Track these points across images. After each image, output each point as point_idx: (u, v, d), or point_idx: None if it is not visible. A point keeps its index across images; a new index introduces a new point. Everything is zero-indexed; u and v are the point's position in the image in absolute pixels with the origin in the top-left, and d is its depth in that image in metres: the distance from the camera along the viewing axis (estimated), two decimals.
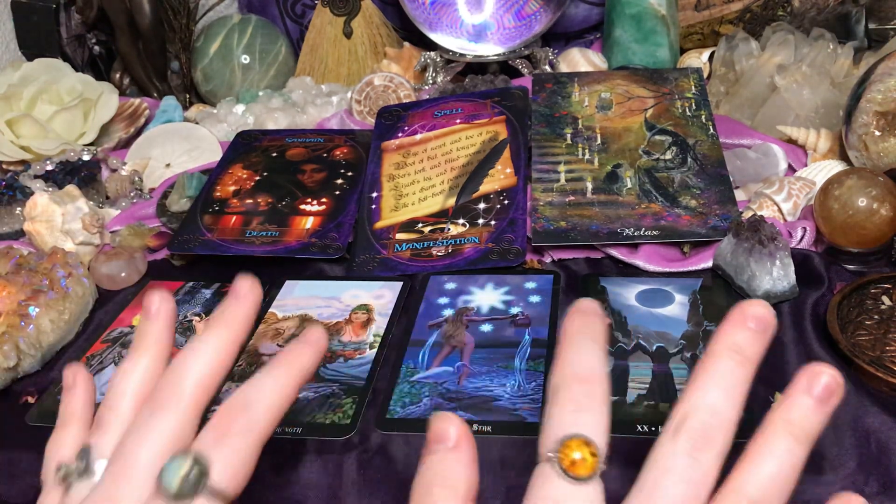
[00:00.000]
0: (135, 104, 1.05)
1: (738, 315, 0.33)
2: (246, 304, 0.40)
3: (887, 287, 0.62)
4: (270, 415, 0.35)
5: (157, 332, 0.40)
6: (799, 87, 0.84)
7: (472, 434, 0.33)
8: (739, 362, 0.33)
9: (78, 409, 0.41)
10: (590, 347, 0.35)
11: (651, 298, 0.65)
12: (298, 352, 0.37)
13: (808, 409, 0.32)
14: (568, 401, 0.33)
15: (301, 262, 0.74)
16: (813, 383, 0.32)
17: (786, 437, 0.32)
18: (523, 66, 1.04)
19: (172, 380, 0.36)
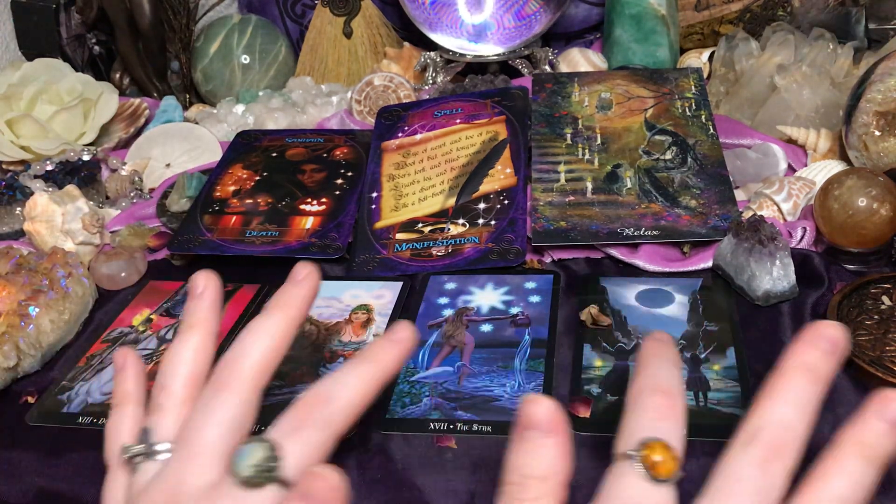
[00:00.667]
0: (135, 104, 1.05)
1: (812, 334, 0.34)
2: (304, 288, 0.40)
3: (887, 287, 0.62)
4: (349, 411, 0.35)
5: (204, 311, 0.40)
6: (799, 87, 0.84)
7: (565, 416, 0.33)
8: (811, 380, 0.33)
9: (131, 389, 0.42)
10: (668, 367, 0.36)
11: (651, 298, 0.65)
12: (385, 349, 0.37)
13: (881, 433, 0.32)
14: (649, 408, 0.34)
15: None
16: (886, 408, 0.32)
17: (857, 458, 0.32)
18: (523, 66, 1.04)
19: (234, 361, 0.36)
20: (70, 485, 0.55)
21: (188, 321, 0.40)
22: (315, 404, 0.35)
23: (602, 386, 0.57)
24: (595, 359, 0.59)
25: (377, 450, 0.54)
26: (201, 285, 0.41)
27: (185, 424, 0.36)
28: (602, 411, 0.54)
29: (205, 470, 0.33)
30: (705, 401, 0.54)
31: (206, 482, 0.33)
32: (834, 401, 0.53)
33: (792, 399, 0.33)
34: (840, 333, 0.34)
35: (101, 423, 0.58)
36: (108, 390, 0.61)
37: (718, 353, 0.58)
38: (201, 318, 0.40)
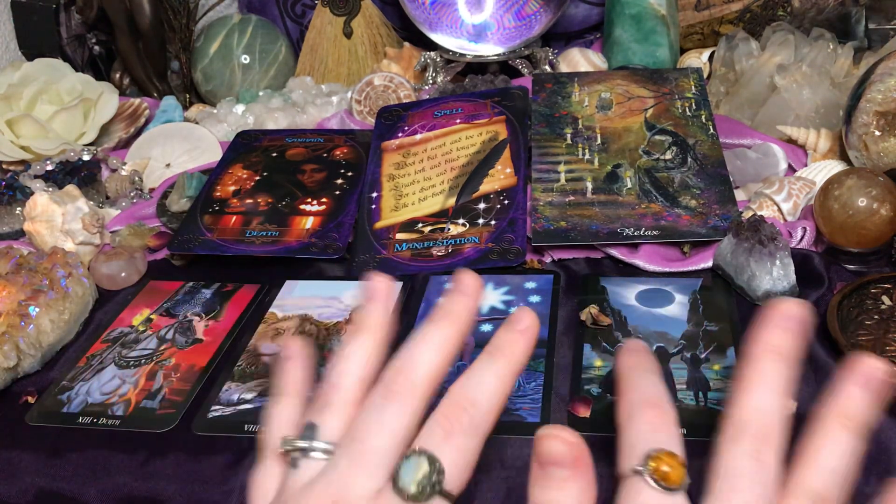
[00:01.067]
0: (135, 104, 1.05)
1: (772, 316, 0.35)
2: (471, 299, 0.40)
3: (887, 287, 0.62)
4: (494, 412, 0.36)
5: (380, 315, 0.40)
6: (799, 87, 0.84)
7: (586, 446, 0.33)
8: (781, 362, 0.35)
9: (298, 381, 0.42)
10: (649, 378, 0.37)
11: (651, 298, 0.65)
12: (514, 342, 0.37)
13: (860, 401, 0.34)
14: (643, 422, 0.35)
15: (301, 262, 0.74)
16: (860, 375, 0.34)
17: (842, 431, 0.34)
18: (523, 66, 1.04)
19: (406, 371, 0.36)
20: (70, 485, 0.55)
21: (364, 323, 0.40)
22: (460, 409, 0.35)
23: (602, 386, 0.57)
24: (595, 359, 0.59)
25: None
26: (380, 289, 0.40)
27: (353, 428, 0.36)
28: (602, 411, 0.54)
29: (371, 478, 0.34)
30: (706, 400, 0.54)
31: (370, 490, 0.33)
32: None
33: (767, 385, 0.34)
34: (799, 308, 0.35)
35: (101, 422, 0.58)
36: (108, 390, 0.61)
37: (718, 353, 0.58)
38: (376, 323, 0.40)
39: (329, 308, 0.68)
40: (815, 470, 0.33)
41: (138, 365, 0.64)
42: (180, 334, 0.67)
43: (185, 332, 0.67)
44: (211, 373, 0.62)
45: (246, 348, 0.64)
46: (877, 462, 0.49)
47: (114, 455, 0.56)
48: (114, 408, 0.59)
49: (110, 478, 0.55)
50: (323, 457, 0.35)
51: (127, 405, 0.60)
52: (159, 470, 0.55)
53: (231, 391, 0.60)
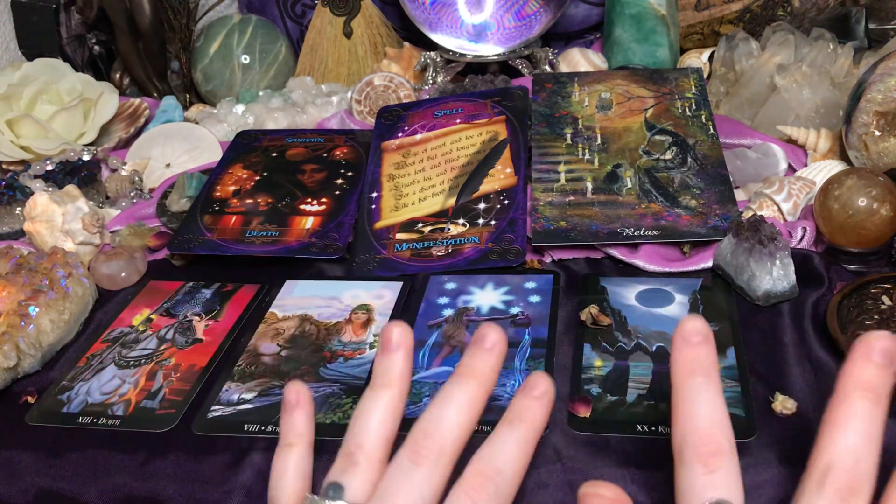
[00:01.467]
0: (135, 104, 1.05)
1: (864, 349, 0.33)
2: (495, 356, 0.39)
3: (887, 287, 0.62)
4: (517, 480, 0.36)
5: (399, 367, 0.39)
6: (799, 87, 0.84)
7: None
8: (873, 400, 0.32)
9: (305, 429, 0.42)
10: (705, 393, 0.35)
11: (651, 298, 0.65)
12: (532, 409, 0.37)
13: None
14: (696, 462, 0.33)
15: (301, 262, 0.74)
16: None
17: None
18: (523, 66, 1.04)
19: (433, 434, 0.36)
20: (70, 485, 0.55)
21: (383, 378, 0.39)
22: (487, 479, 0.35)
23: (602, 386, 0.57)
24: (595, 359, 0.59)
25: None
26: (396, 339, 0.39)
27: (382, 490, 0.36)
28: (602, 411, 0.54)
29: None
30: None
31: None
32: None
33: (856, 427, 0.32)
34: (892, 342, 0.32)
35: (101, 422, 0.58)
36: (108, 390, 0.61)
37: (719, 354, 0.58)
38: (396, 377, 0.39)
39: (329, 308, 0.68)
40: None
41: (138, 365, 0.64)
42: (180, 334, 0.67)
43: (185, 332, 0.67)
44: (211, 373, 0.62)
45: (246, 348, 0.64)
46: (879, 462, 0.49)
47: (114, 455, 0.56)
48: (114, 408, 0.59)
49: (110, 478, 0.55)
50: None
51: (127, 405, 0.60)
52: (159, 470, 0.55)
53: (231, 391, 0.60)
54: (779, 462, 0.49)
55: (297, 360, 0.62)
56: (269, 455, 0.54)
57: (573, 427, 0.54)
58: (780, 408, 0.53)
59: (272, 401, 0.58)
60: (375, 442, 0.38)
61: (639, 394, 0.55)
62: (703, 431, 0.34)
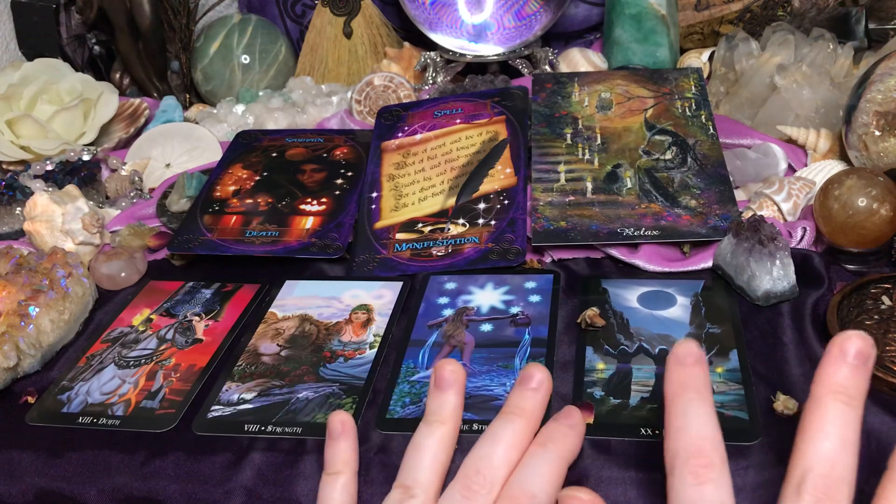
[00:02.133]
0: (135, 104, 1.05)
1: (837, 351, 0.33)
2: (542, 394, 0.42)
3: (887, 287, 0.62)
4: (551, 502, 0.37)
5: (452, 404, 0.42)
6: (799, 87, 0.84)
7: None
8: (847, 402, 0.32)
9: (350, 458, 0.45)
10: (696, 408, 0.35)
11: (653, 300, 0.65)
12: (566, 435, 0.40)
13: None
14: (688, 474, 0.34)
15: (301, 262, 0.74)
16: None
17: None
18: (523, 66, 1.04)
19: (484, 470, 0.39)
20: (70, 485, 0.55)
21: (437, 416, 0.42)
22: (521, 502, 0.37)
23: (605, 389, 0.56)
24: (597, 361, 0.59)
25: (377, 450, 0.54)
26: (449, 377, 0.43)
27: None
28: (605, 414, 0.54)
29: None
30: None
31: None
32: None
33: (831, 431, 0.32)
34: (865, 342, 0.32)
35: (101, 422, 0.58)
36: (108, 390, 0.61)
37: (721, 356, 0.58)
38: (449, 414, 0.42)
39: (329, 308, 0.68)
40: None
41: (138, 365, 0.64)
42: (180, 334, 0.67)
43: (185, 332, 0.67)
44: (211, 373, 0.62)
45: (246, 348, 0.64)
46: (877, 462, 0.49)
47: (114, 455, 0.56)
48: (114, 408, 0.59)
49: (110, 478, 0.55)
50: None
51: (127, 405, 0.60)
52: (159, 470, 0.55)
53: (231, 391, 0.60)
54: (780, 462, 0.49)
55: (297, 360, 0.62)
56: (269, 455, 0.54)
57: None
58: (781, 408, 0.53)
59: (272, 401, 0.58)
60: (430, 476, 0.40)
61: (642, 397, 0.55)
62: (694, 445, 0.34)
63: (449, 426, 0.41)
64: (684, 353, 0.37)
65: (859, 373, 0.33)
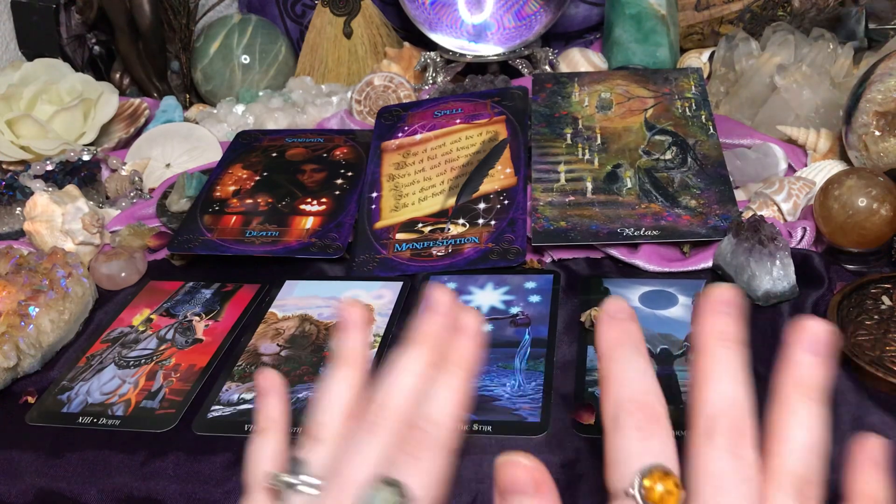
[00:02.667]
0: (135, 104, 1.05)
1: (709, 304, 0.35)
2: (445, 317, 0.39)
3: (887, 287, 0.62)
4: (452, 425, 0.35)
5: (358, 344, 0.40)
6: (799, 87, 0.84)
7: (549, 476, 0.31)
8: (731, 347, 0.34)
9: (277, 415, 0.42)
10: (636, 362, 0.35)
11: (654, 300, 0.65)
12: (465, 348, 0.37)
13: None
14: (632, 429, 0.32)
15: (301, 262, 0.74)
16: (808, 339, 0.34)
17: (803, 402, 0.33)
18: (523, 66, 1.04)
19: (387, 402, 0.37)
20: (70, 485, 0.55)
21: (344, 355, 0.40)
22: (421, 430, 0.35)
23: None
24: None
25: None
26: (356, 317, 0.41)
27: (336, 462, 0.36)
28: None
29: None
30: None
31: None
32: (835, 401, 0.53)
33: (724, 373, 0.33)
34: (731, 292, 0.34)
35: (101, 422, 0.58)
36: (108, 390, 0.61)
37: None
38: (356, 353, 0.40)
39: (329, 308, 0.68)
40: (789, 451, 0.32)
41: (138, 365, 0.64)
42: (180, 334, 0.67)
43: (185, 332, 0.67)
44: (211, 373, 0.62)
45: (246, 348, 0.64)
46: None
47: (114, 455, 0.56)
48: (114, 408, 0.59)
49: (110, 478, 0.55)
50: (310, 491, 0.36)
51: (127, 405, 0.60)
52: (159, 470, 0.54)
53: (231, 391, 0.60)
54: None
55: (296, 360, 0.62)
56: None
57: (577, 430, 0.54)
58: None
59: None
60: (335, 417, 0.38)
61: None
62: (639, 399, 0.34)
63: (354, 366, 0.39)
64: (616, 309, 0.37)
65: (734, 320, 0.35)
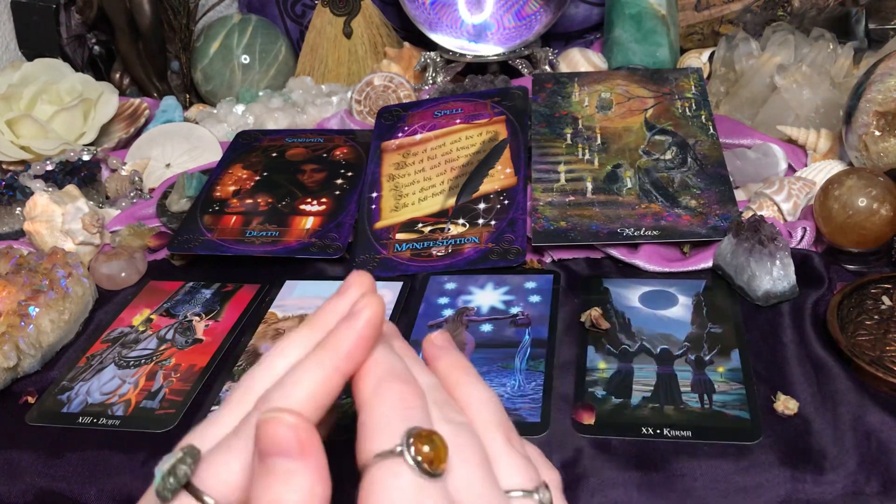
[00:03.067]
0: (135, 104, 1.05)
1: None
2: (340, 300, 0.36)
3: (887, 287, 0.62)
4: (317, 406, 0.31)
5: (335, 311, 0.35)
6: (799, 87, 0.84)
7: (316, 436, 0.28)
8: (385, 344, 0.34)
9: None
10: (394, 356, 0.33)
11: (654, 300, 0.65)
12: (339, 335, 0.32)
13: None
14: (395, 398, 0.30)
15: (301, 262, 0.74)
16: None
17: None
18: (523, 66, 1.04)
19: (247, 384, 0.33)
20: (70, 485, 0.55)
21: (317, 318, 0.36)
22: (250, 415, 0.31)
23: (606, 388, 0.56)
24: (599, 361, 0.59)
25: None
26: (358, 284, 0.35)
27: (192, 431, 0.34)
28: (607, 413, 0.54)
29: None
30: (710, 403, 0.54)
31: None
32: (835, 400, 0.53)
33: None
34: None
35: (101, 422, 0.58)
36: (108, 390, 0.61)
37: (723, 356, 0.58)
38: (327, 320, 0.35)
39: None
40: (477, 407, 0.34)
41: (138, 365, 0.64)
42: (180, 334, 0.67)
43: (185, 332, 0.67)
44: (211, 373, 0.62)
45: (246, 348, 0.64)
46: (877, 462, 0.49)
47: (114, 455, 0.56)
48: (114, 408, 0.59)
49: (110, 478, 0.55)
50: None
51: (127, 405, 0.60)
52: None
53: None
54: (780, 462, 0.49)
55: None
56: None
57: (577, 430, 0.54)
58: (781, 408, 0.53)
59: None
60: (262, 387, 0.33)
61: (643, 396, 0.55)
62: (401, 376, 0.32)
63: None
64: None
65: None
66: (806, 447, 0.50)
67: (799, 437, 0.51)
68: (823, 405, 0.53)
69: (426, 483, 0.27)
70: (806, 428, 0.52)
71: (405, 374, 0.32)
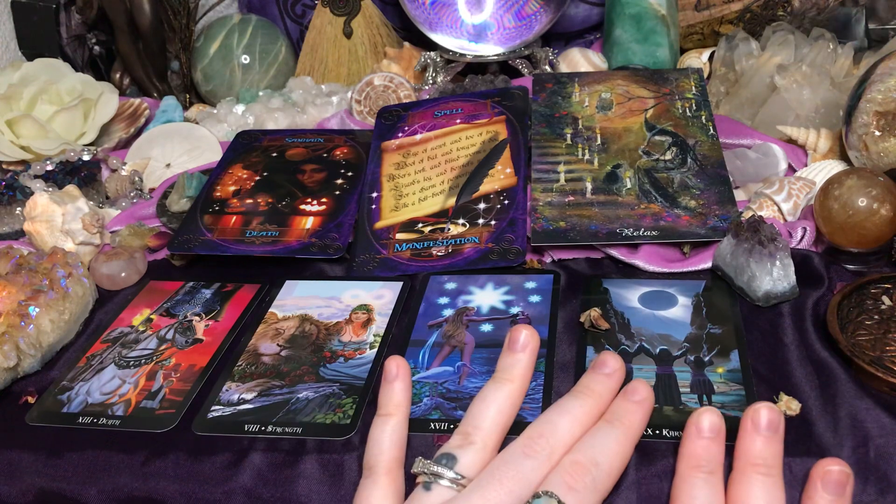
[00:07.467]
0: (135, 104, 1.05)
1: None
2: (614, 381, 0.45)
3: (887, 287, 0.62)
4: (613, 477, 0.39)
5: (523, 364, 0.44)
6: (799, 87, 0.84)
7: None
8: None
9: (402, 400, 0.46)
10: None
11: (654, 300, 0.65)
12: (632, 412, 0.41)
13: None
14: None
15: (301, 262, 0.74)
16: (701, 425, 0.42)
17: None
18: (523, 66, 1.04)
19: (548, 434, 0.40)
20: (70, 485, 0.55)
21: (507, 374, 0.44)
22: (585, 469, 0.38)
23: None
24: None
25: None
26: (523, 340, 0.46)
27: (493, 468, 0.39)
28: None
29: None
30: (710, 403, 0.54)
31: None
32: (835, 401, 0.53)
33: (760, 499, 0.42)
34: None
35: (101, 422, 0.58)
36: (108, 390, 0.61)
37: (722, 356, 0.58)
38: (521, 374, 0.44)
39: (329, 308, 0.68)
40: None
41: (138, 365, 0.64)
42: (180, 334, 0.67)
43: (185, 332, 0.67)
44: (211, 373, 0.62)
45: (246, 348, 0.64)
46: (875, 468, 0.49)
47: (114, 455, 0.56)
48: (114, 408, 0.59)
49: (110, 478, 0.55)
50: (451, 486, 0.39)
51: (127, 405, 0.60)
52: (159, 470, 0.55)
53: (231, 391, 0.60)
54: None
55: (297, 360, 0.62)
56: (269, 455, 0.54)
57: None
58: (784, 408, 0.53)
59: (272, 401, 0.58)
60: (492, 427, 0.41)
61: None
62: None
63: (517, 385, 0.44)
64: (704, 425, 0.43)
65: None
66: (808, 447, 0.50)
67: (800, 439, 0.51)
68: (824, 405, 0.53)
69: None
70: (806, 428, 0.52)
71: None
